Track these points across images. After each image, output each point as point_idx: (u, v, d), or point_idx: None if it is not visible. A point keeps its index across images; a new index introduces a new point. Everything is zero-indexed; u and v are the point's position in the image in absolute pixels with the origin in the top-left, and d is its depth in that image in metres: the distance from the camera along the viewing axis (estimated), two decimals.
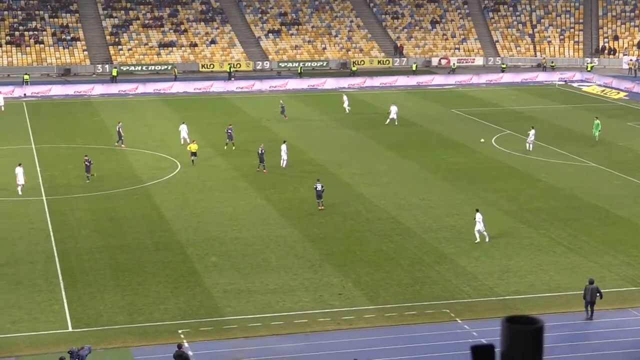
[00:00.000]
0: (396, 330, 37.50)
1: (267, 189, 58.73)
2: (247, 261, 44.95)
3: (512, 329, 7.04)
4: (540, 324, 7.07)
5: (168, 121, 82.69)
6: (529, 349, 7.04)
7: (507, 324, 7.04)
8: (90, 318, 38.03)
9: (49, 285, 41.58)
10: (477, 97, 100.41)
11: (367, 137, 76.12)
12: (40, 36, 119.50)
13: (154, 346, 35.58)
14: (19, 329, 36.93)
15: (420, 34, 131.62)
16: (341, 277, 42.97)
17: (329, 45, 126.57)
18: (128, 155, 68.82)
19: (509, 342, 7.06)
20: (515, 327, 7.04)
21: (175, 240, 48.14)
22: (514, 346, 7.05)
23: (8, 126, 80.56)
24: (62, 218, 52.18)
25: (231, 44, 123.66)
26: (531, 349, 7.04)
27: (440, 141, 75.14)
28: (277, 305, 39.57)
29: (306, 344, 36.02)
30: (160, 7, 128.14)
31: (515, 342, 7.04)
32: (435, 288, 41.75)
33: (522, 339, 7.03)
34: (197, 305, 39.48)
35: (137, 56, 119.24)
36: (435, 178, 62.34)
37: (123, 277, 42.58)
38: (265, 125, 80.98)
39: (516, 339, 7.04)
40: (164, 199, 56.16)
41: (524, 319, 7.07)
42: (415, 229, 50.39)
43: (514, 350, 7.04)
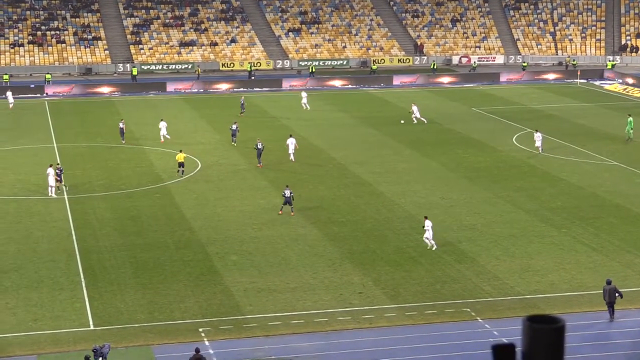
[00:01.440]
0: (416, 329, 37.43)
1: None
2: (267, 260, 44.99)
3: (534, 328, 7.00)
4: (562, 323, 7.02)
5: (188, 120, 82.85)
6: (550, 348, 7.00)
7: (528, 323, 7.00)
8: (111, 316, 38.16)
9: (70, 283, 41.76)
10: (498, 95, 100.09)
11: (388, 136, 76.03)
12: (62, 36, 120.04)
13: (174, 344, 35.66)
14: (40, 326, 37.11)
15: (440, 32, 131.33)
16: (361, 275, 42.94)
17: (349, 44, 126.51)
18: (149, 154, 69.04)
19: (530, 342, 7.02)
20: (536, 326, 7.00)
21: (195, 239, 48.25)
22: (535, 345, 7.01)
23: (30, 125, 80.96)
24: (83, 217, 52.40)
25: (251, 43, 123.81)
26: (552, 348, 7.00)
27: (460, 140, 74.95)
28: (298, 303, 39.58)
29: (326, 343, 36.01)
30: (181, 7, 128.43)
31: (537, 341, 7.00)
32: (456, 287, 41.65)
33: (543, 338, 6.99)
34: (218, 303, 39.54)
35: (158, 55, 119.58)
36: (455, 177, 62.20)
37: (144, 276, 42.72)
38: (284, 124, 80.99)
39: (537, 338, 6.99)
40: (184, 198, 56.29)
41: (545, 318, 7.03)
42: (435, 228, 50.21)
43: (535, 349, 7.00)
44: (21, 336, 36.26)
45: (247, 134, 75.61)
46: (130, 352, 34.94)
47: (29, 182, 59.69)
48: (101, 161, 66.49)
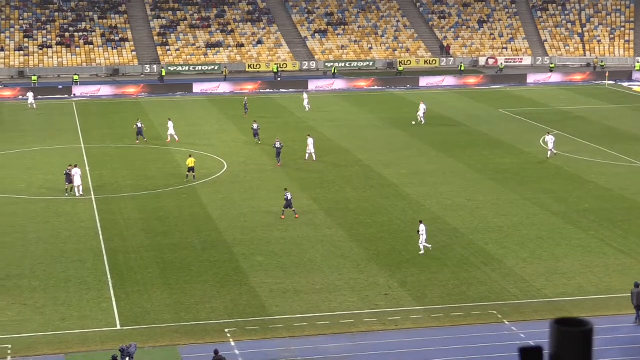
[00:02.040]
0: (443, 331, 37.34)
1: (313, 189, 58.79)
2: (293, 261, 45.02)
3: (561, 331, 6.96)
4: (590, 326, 6.99)
5: (215, 121, 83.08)
6: (578, 351, 6.97)
7: (556, 326, 6.97)
8: (138, 316, 38.32)
9: (97, 283, 41.98)
10: (526, 97, 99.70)
11: (414, 137, 75.90)
12: (89, 37, 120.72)
13: (200, 345, 35.76)
14: (68, 326, 37.32)
15: (467, 33, 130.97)
16: (387, 277, 42.89)
17: (375, 45, 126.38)
18: (175, 154, 69.29)
19: (557, 345, 6.99)
20: (564, 329, 6.96)
21: (222, 240, 48.36)
22: (563, 349, 6.97)
23: (58, 126, 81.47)
24: (110, 217, 52.66)
25: (277, 44, 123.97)
26: (580, 351, 6.97)
27: (487, 141, 74.70)
28: (323, 305, 39.58)
29: (352, 344, 35.99)
30: (208, 8, 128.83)
31: (564, 344, 6.97)
32: (482, 289, 41.50)
33: (571, 341, 6.96)
34: (244, 304, 39.61)
35: (185, 56, 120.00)
36: (482, 178, 61.99)
37: (170, 276, 42.86)
38: (311, 125, 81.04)
39: (565, 341, 6.96)
40: (211, 199, 56.44)
41: (573, 321, 6.99)
42: (461, 230, 50.14)
43: (563, 352, 6.97)
44: (49, 335, 36.49)
45: (274, 134, 75.67)
46: (156, 352, 35.07)
47: (57, 183, 60.00)
48: (128, 162, 66.81)
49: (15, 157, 67.22)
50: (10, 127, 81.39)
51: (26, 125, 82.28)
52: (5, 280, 42.26)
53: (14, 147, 71.59)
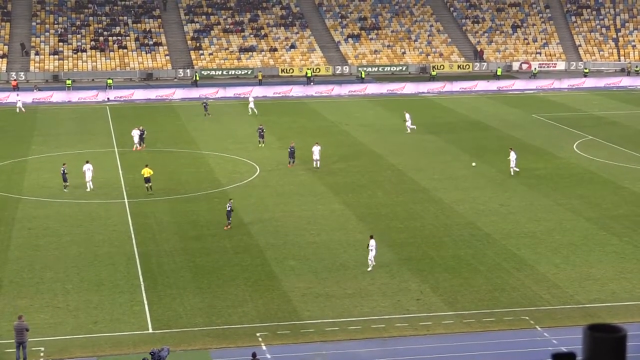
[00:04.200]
0: (474, 336, 37.16)
1: (346, 194, 58.76)
2: (325, 265, 45.00)
3: (595, 337, 6.90)
4: (624, 332, 6.92)
5: (248, 125, 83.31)
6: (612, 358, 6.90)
7: (589, 332, 6.91)
8: (170, 320, 38.45)
9: (130, 286, 42.18)
10: (559, 102, 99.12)
11: (447, 142, 75.69)
12: (123, 41, 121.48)
13: (232, 349, 35.81)
14: (100, 329, 37.52)
15: (500, 38, 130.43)
16: (419, 282, 42.76)
17: (409, 50, 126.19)
18: (208, 159, 69.52)
19: (591, 351, 6.92)
20: (597, 335, 6.90)
21: (254, 244, 48.44)
22: (596, 355, 6.91)
23: (92, 130, 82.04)
24: (143, 220, 52.91)
25: (311, 49, 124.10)
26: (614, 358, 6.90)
27: (520, 146, 74.21)
28: (355, 309, 39.53)
29: (383, 349, 35.92)
30: (241, 12, 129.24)
31: (598, 350, 6.90)
32: (515, 295, 41.27)
33: (604, 347, 6.89)
34: (275, 308, 39.63)
35: (218, 61, 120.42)
36: (515, 183, 61.67)
37: (202, 280, 42.98)
38: (344, 130, 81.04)
39: (598, 347, 6.89)
40: (243, 203, 56.55)
41: (606, 327, 6.93)
42: (494, 235, 49.91)
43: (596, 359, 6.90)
44: (82, 338, 36.70)
45: (307, 139, 75.77)
46: (188, 355, 35.17)
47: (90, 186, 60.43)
48: (161, 165, 67.09)
49: (49, 160, 67.74)
50: (45, 130, 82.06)
51: (60, 129, 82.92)
52: (39, 283, 42.58)
53: (48, 150, 72.14)
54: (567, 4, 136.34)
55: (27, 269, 44.43)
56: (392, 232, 50.67)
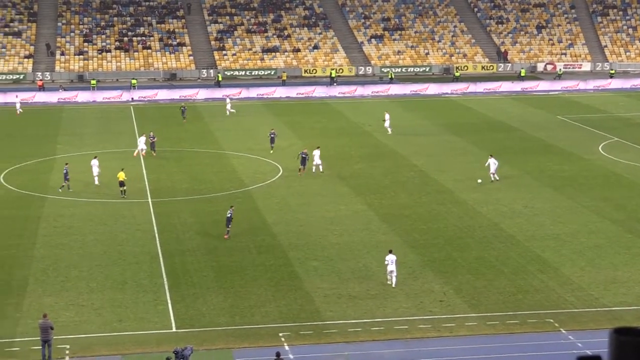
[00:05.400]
0: (498, 339, 37.04)
1: (368, 195, 58.73)
2: (348, 266, 44.99)
3: (621, 340, 6.87)
4: None
5: (271, 126, 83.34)
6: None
7: (615, 335, 6.88)
8: (193, 319, 38.58)
9: (153, 285, 42.34)
10: (584, 103, 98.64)
11: (470, 143, 75.49)
12: (147, 42, 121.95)
13: (254, 348, 35.87)
14: (125, 327, 37.70)
15: (525, 39, 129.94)
16: (442, 284, 42.68)
17: (432, 51, 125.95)
18: (231, 159, 69.67)
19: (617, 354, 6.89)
20: (623, 338, 6.87)
21: (277, 244, 48.50)
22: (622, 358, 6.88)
23: (116, 130, 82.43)
24: (166, 220, 53.10)
25: (334, 49, 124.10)
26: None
27: (544, 147, 74.05)
28: (378, 310, 39.50)
29: (406, 350, 35.88)
30: (264, 13, 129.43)
31: (624, 354, 6.87)
32: (539, 297, 41.10)
33: (631, 351, 6.86)
34: (298, 308, 39.67)
35: (241, 61, 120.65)
36: (539, 185, 61.44)
37: (225, 279, 43.08)
38: (366, 131, 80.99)
39: (625, 351, 6.87)
40: (266, 203, 56.65)
41: (633, 330, 6.90)
42: (518, 237, 49.73)
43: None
44: (106, 336, 36.89)
45: (329, 141, 75.92)
46: (211, 354, 35.27)
47: (115, 186, 60.66)
48: (185, 166, 67.34)
49: (73, 160, 68.02)
50: (70, 130, 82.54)
51: (85, 128, 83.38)
52: (64, 281, 42.83)
53: (72, 150, 72.53)
54: (593, 5, 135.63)
55: (52, 268, 44.71)
56: (415, 233, 50.59)
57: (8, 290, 41.71)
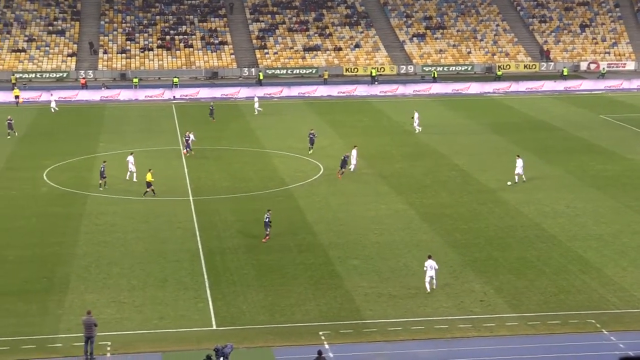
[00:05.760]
0: (539, 339, 36.78)
1: (409, 194, 58.56)
2: (388, 265, 44.91)
3: None
4: None
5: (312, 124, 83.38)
6: None
7: None
8: (233, 317, 38.70)
9: (194, 283, 42.53)
10: (628, 102, 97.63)
11: (512, 143, 75.01)
12: (189, 40, 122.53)
13: (295, 347, 35.92)
14: (165, 325, 37.91)
15: (568, 37, 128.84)
16: (483, 283, 42.47)
17: (474, 50, 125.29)
18: (272, 157, 69.80)
19: None
20: None
21: (317, 243, 48.51)
22: None
23: (158, 128, 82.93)
24: (207, 218, 53.31)
25: (375, 48, 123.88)
26: None
27: (587, 147, 73.42)
28: (418, 310, 39.39)
29: (446, 350, 35.74)
30: (306, 11, 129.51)
31: None
32: (581, 297, 40.77)
33: None
34: (338, 307, 39.67)
35: (283, 60, 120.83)
36: (582, 185, 60.92)
37: (266, 278, 43.18)
38: (408, 130, 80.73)
39: None
40: (306, 202, 56.69)
41: None
42: (560, 237, 49.35)
43: None
44: (147, 333, 37.13)
45: (370, 140, 75.88)
46: (251, 352, 35.36)
47: (157, 184, 61.00)
48: (225, 164, 67.58)
49: (115, 158, 68.55)
50: (112, 128, 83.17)
51: (127, 126, 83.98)
52: (105, 278, 43.17)
53: (114, 148, 73.05)
54: (637, 3, 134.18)
55: (94, 265, 45.08)
56: (456, 232, 50.38)
57: (51, 287, 42.13)
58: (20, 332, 37.10)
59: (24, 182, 62.19)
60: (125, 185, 60.61)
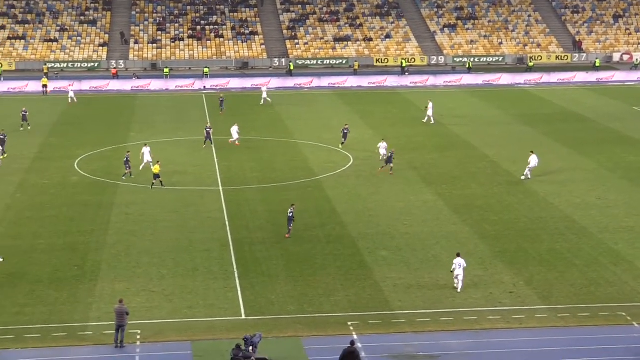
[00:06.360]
0: (569, 331, 36.58)
1: (439, 185, 58.40)
2: (417, 256, 44.83)
3: None
4: None
5: (342, 115, 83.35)
6: None
7: None
8: (262, 307, 38.78)
9: (223, 273, 42.66)
10: None
11: (543, 134, 74.61)
12: (220, 30, 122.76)
13: (323, 337, 35.94)
14: (195, 314, 38.06)
15: (601, 28, 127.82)
16: (512, 275, 42.29)
17: (506, 40, 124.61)
18: (302, 148, 69.82)
19: None
20: None
21: (346, 233, 48.49)
22: None
23: (188, 118, 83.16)
24: (237, 208, 53.43)
25: (406, 39, 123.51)
26: None
27: (620, 139, 72.85)
28: (447, 301, 39.30)
29: (475, 342, 35.63)
30: (337, 2, 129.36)
31: None
32: (611, 290, 40.50)
33: None
34: (367, 298, 39.65)
35: (313, 50, 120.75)
36: (614, 177, 60.47)
37: (295, 268, 43.23)
38: (439, 121, 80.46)
39: None
40: (336, 192, 56.67)
41: None
42: (591, 229, 49.04)
43: None
44: (177, 322, 37.29)
45: (400, 130, 75.80)
46: (280, 342, 35.43)
47: (187, 173, 61.29)
48: (255, 154, 67.67)
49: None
50: (143, 118, 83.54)
51: (157, 116, 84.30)
52: (135, 267, 43.40)
53: (145, 137, 73.33)
54: None
55: (125, 254, 45.33)
56: (486, 224, 50.19)
57: (81, 275, 42.41)
58: (51, 320, 37.39)
59: (55, 171, 62.63)
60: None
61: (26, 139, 72.68)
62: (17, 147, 69.24)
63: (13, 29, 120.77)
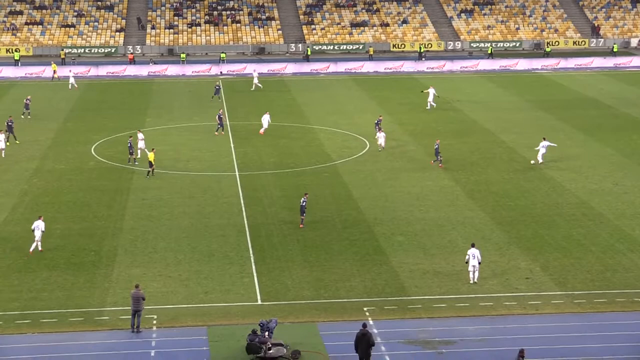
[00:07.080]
0: (585, 317, 36.50)
1: (455, 170, 58.29)
2: (434, 242, 44.80)
3: None
4: None
5: (358, 100, 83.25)
6: None
7: None
8: (278, 292, 38.85)
9: (240, 258, 42.75)
10: None
11: (560, 120, 74.32)
12: (237, 16, 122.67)
13: (339, 322, 35.99)
14: (211, 299, 38.17)
15: (619, 13, 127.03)
16: (529, 261, 42.22)
17: (523, 26, 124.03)
18: (318, 133, 69.80)
19: None
20: None
21: (362, 219, 48.50)
22: None
23: (205, 103, 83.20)
24: (253, 193, 53.50)
25: (423, 24, 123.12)
26: None
27: (637, 124, 72.49)
28: (463, 287, 39.27)
29: (491, 327, 35.61)
30: None
31: None
32: (628, 276, 40.38)
33: None
34: (383, 283, 39.67)
35: (330, 35, 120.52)
36: (631, 163, 60.21)
37: (311, 253, 43.28)
38: (455, 106, 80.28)
39: None
40: (352, 178, 56.66)
41: None
42: (607, 215, 48.87)
43: None
44: (192, 307, 37.41)
45: (417, 116, 75.67)
46: (296, 327, 35.50)
47: (203, 159, 61.36)
48: (272, 139, 67.69)
49: (162, 133, 69.01)
50: (159, 103, 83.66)
51: (174, 102, 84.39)
52: (152, 252, 43.54)
53: (161, 123, 73.49)
54: None
55: (141, 239, 45.48)
56: (502, 209, 50.09)
57: (98, 260, 42.59)
58: (67, 304, 37.57)
59: (72, 156, 62.85)
60: (171, 162, 60.94)
61: (42, 124, 72.92)
62: (32, 132, 69.51)
63: (30, 15, 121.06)
